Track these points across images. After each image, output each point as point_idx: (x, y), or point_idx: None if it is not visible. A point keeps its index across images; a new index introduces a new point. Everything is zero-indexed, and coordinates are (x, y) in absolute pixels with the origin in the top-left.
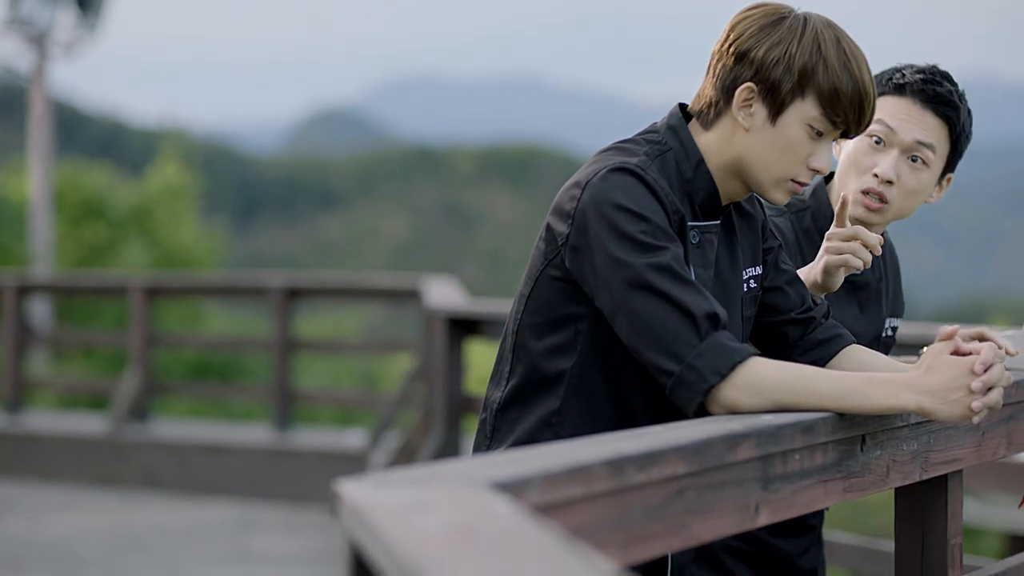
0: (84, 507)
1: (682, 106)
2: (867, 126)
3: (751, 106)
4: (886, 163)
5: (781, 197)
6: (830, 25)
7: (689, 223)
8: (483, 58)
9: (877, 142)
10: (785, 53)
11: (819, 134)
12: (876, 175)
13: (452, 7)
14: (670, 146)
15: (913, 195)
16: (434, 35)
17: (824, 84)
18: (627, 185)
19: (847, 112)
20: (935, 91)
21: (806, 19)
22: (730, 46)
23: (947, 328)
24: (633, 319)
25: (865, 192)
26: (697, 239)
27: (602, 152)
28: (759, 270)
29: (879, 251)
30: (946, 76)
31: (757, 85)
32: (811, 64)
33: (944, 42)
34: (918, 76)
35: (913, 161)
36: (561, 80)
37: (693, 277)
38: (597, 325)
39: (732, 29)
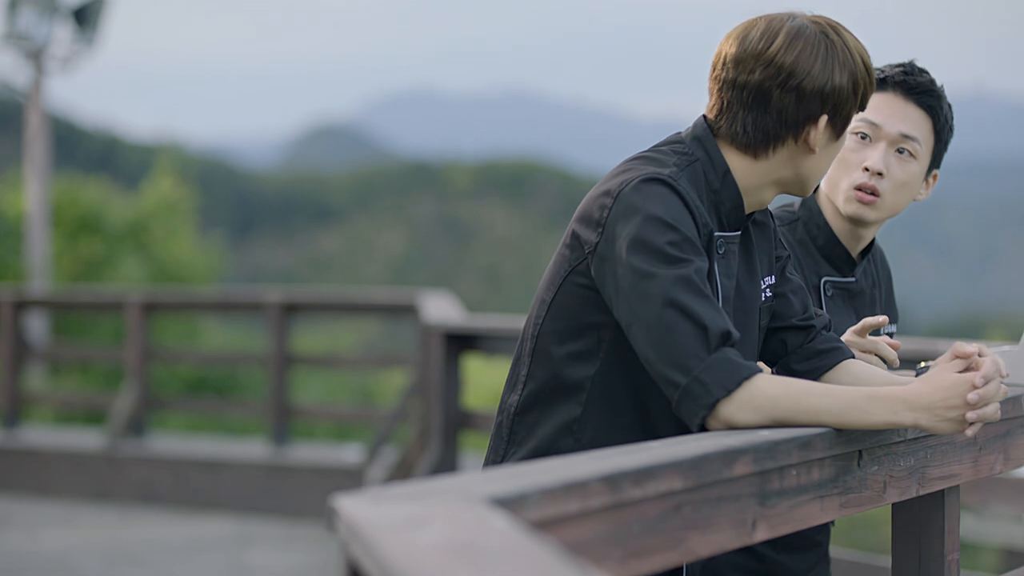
0: (81, 522)
1: (707, 116)
2: None
3: (821, 131)
4: (875, 156)
5: (812, 190)
6: (844, 28)
7: (716, 233)
8: (480, 73)
9: (863, 138)
10: (851, 77)
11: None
12: (867, 168)
13: (449, 21)
14: (697, 157)
15: (904, 187)
16: (431, 50)
17: (870, 90)
18: (661, 196)
19: (867, 101)
20: (916, 81)
21: (836, 32)
22: (799, 84)
23: (965, 347)
24: (649, 329)
25: (858, 188)
26: (723, 249)
27: (630, 161)
28: (774, 279)
29: (896, 364)
30: (924, 70)
31: (831, 113)
32: (863, 78)
33: (942, 57)
34: (898, 69)
35: (900, 153)
36: (559, 95)
37: (720, 288)
38: (620, 334)
39: (794, 66)
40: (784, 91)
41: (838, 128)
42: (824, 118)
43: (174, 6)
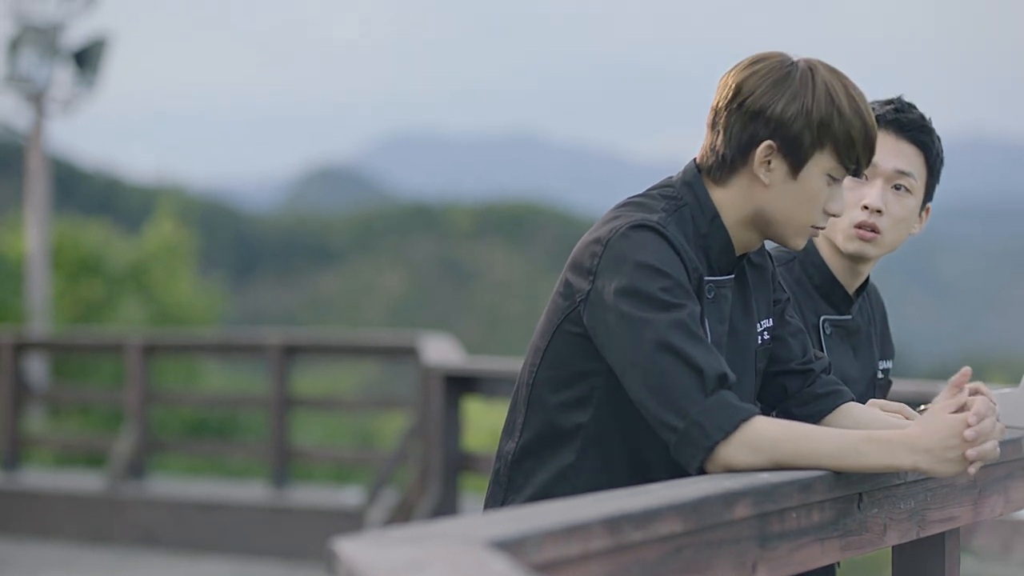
0: (81, 564)
1: (696, 160)
2: (870, 164)
3: (770, 162)
4: (873, 194)
5: (801, 244)
6: (834, 71)
7: (705, 278)
8: (481, 115)
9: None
10: (802, 108)
11: (835, 179)
12: (866, 207)
13: (450, 64)
14: (686, 201)
15: (902, 223)
16: (431, 92)
17: (841, 134)
18: (649, 242)
19: (860, 156)
20: (908, 119)
21: (812, 69)
22: (741, 103)
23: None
24: (644, 375)
25: (858, 226)
26: (712, 294)
27: (619, 207)
28: (772, 322)
29: None
30: (912, 105)
31: (776, 142)
32: (828, 116)
33: (941, 99)
34: (888, 107)
35: (896, 189)
36: (559, 137)
37: (709, 333)
38: (614, 381)
39: (740, 86)
40: (730, 111)
41: (792, 162)
42: (767, 144)
43: (175, 48)
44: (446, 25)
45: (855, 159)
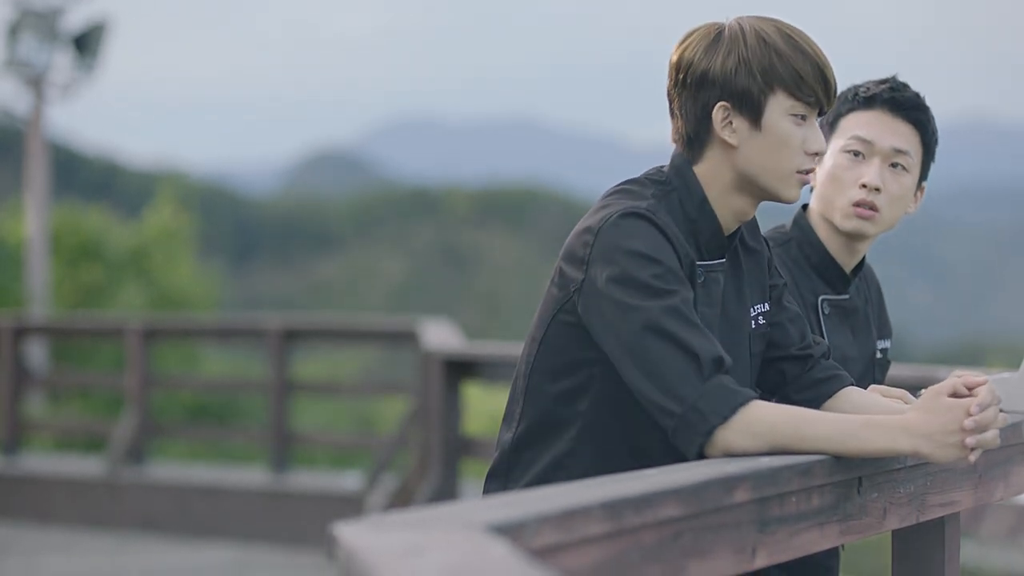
0: (81, 549)
1: None
2: (835, 95)
3: (731, 122)
4: (871, 172)
5: (795, 193)
6: (763, 18)
7: (697, 263)
8: (481, 100)
9: (855, 155)
10: (739, 60)
11: (803, 118)
12: (864, 185)
13: (449, 49)
14: (675, 186)
15: (899, 201)
16: (431, 77)
17: (785, 73)
18: (639, 230)
19: (815, 88)
20: (904, 97)
21: (739, 23)
22: (684, 77)
23: (973, 378)
24: (640, 362)
25: (856, 204)
26: (702, 278)
27: (609, 195)
28: (767, 306)
29: None
30: (906, 84)
31: (728, 100)
32: (766, 59)
33: (942, 83)
34: (883, 87)
35: (893, 168)
36: (559, 122)
37: (699, 317)
38: (610, 369)
39: (678, 62)
40: (679, 91)
41: (750, 115)
42: (720, 105)
43: (175, 33)
44: (446, 13)
45: (811, 93)
